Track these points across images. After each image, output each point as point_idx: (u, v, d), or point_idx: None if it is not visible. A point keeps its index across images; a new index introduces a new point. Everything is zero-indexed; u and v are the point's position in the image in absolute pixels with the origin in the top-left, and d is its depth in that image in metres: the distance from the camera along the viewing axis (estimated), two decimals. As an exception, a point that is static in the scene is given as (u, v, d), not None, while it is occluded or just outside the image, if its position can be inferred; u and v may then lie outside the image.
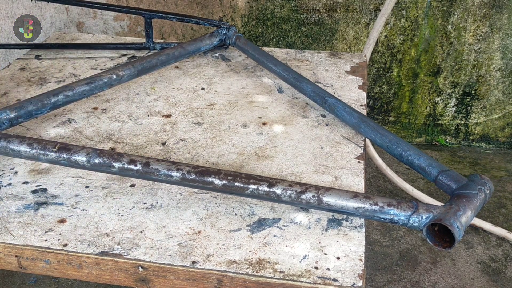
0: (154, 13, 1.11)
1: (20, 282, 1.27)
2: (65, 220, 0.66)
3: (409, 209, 0.62)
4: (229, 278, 0.58)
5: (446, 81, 1.74)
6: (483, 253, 1.37)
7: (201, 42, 1.07)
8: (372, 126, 0.80)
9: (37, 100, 0.83)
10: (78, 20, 1.77)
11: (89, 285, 1.27)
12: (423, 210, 0.62)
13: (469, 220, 0.62)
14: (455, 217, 0.60)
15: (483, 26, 1.63)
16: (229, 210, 0.67)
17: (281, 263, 0.59)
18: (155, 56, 0.98)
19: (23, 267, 0.63)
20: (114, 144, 0.81)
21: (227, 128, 0.85)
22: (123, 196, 0.70)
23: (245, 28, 1.74)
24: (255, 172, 0.74)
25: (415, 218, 0.62)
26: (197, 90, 0.97)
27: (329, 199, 0.63)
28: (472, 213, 0.62)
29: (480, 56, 1.68)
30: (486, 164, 1.71)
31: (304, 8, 1.67)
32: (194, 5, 1.72)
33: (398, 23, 1.67)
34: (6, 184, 0.72)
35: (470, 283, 1.28)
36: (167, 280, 0.60)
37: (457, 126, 1.81)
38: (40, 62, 1.08)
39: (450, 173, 0.70)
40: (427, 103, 1.79)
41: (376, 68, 1.75)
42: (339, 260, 0.59)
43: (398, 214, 0.62)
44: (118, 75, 0.91)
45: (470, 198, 0.64)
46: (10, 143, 0.68)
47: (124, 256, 0.60)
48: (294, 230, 0.64)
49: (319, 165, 0.76)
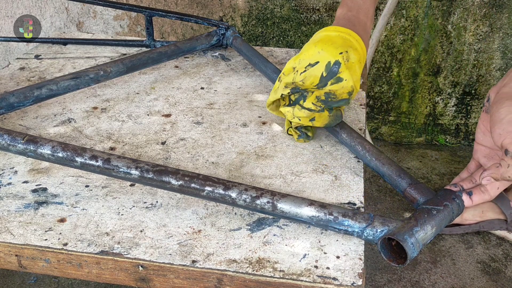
0: (154, 11, 1.11)
1: (20, 282, 1.27)
2: (65, 219, 0.66)
3: (364, 221, 0.60)
4: (229, 277, 0.58)
5: (446, 80, 1.74)
6: (483, 253, 1.37)
7: (196, 42, 1.07)
8: (349, 132, 0.78)
9: (19, 92, 0.83)
10: (78, 19, 1.77)
11: (89, 284, 1.27)
12: (378, 223, 0.60)
13: (428, 237, 0.59)
14: (410, 233, 0.57)
15: (483, 25, 1.63)
16: (229, 209, 0.67)
17: (281, 262, 0.59)
18: (146, 54, 0.98)
19: (23, 266, 0.63)
20: (114, 143, 0.81)
21: (227, 128, 0.85)
22: (123, 195, 0.70)
23: (245, 27, 1.74)
24: (254, 171, 0.74)
25: (369, 231, 0.60)
26: (197, 89, 0.97)
27: (283, 205, 0.62)
28: (434, 229, 0.60)
29: (480, 55, 1.68)
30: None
31: (304, 8, 1.67)
32: (194, 5, 1.72)
33: (398, 22, 1.67)
34: (6, 183, 0.72)
35: (470, 283, 1.28)
36: (167, 279, 0.60)
37: (457, 125, 1.81)
38: (39, 61, 1.08)
39: (418, 186, 0.67)
40: (427, 102, 1.79)
41: (376, 67, 1.75)
42: (339, 259, 0.59)
43: (352, 226, 0.60)
44: (105, 71, 0.91)
45: (432, 213, 0.61)
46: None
47: (124, 255, 0.60)
48: (294, 229, 0.64)
49: (318, 164, 0.76)
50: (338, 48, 0.73)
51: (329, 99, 0.74)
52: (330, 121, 0.77)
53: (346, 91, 0.74)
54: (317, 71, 0.72)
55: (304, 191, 0.70)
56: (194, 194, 0.65)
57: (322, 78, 0.72)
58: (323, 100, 0.75)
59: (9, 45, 1.84)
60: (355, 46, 0.75)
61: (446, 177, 1.67)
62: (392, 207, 1.54)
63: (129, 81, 1.00)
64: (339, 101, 0.75)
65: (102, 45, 1.15)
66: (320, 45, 0.74)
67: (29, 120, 0.87)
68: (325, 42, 0.74)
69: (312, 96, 0.75)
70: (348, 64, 0.73)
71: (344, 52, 0.73)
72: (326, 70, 0.72)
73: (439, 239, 1.41)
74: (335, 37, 0.75)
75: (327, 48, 0.73)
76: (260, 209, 0.63)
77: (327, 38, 0.75)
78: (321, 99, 0.75)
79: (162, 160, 0.77)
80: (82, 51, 1.13)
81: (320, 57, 0.73)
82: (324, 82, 0.73)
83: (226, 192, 0.63)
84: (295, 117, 0.77)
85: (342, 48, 0.73)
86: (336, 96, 0.74)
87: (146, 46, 1.13)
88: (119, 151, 0.79)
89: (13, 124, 0.86)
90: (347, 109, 0.90)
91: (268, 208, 0.62)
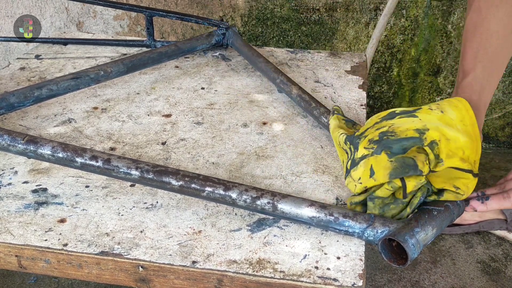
0: (155, 11, 1.11)
1: (20, 282, 1.27)
2: (65, 219, 0.66)
3: (365, 222, 0.60)
4: (229, 278, 0.58)
5: (446, 80, 1.74)
6: (483, 253, 1.37)
7: (196, 42, 1.07)
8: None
9: (20, 92, 0.83)
10: (78, 19, 1.77)
11: (89, 284, 1.27)
12: (379, 224, 0.60)
13: (428, 238, 0.59)
14: (411, 234, 0.57)
15: (483, 25, 1.63)
16: (229, 209, 0.67)
17: (281, 263, 0.59)
18: (147, 54, 0.98)
19: (23, 266, 0.63)
20: (114, 143, 0.81)
21: (227, 128, 0.85)
22: (123, 195, 0.70)
23: (245, 27, 1.74)
24: (255, 171, 0.74)
25: (370, 232, 0.59)
26: (197, 89, 0.97)
27: (284, 206, 0.62)
28: (434, 230, 0.59)
29: (480, 55, 1.68)
30: (486, 163, 1.71)
31: (304, 8, 1.67)
32: (194, 5, 1.72)
33: (398, 22, 1.67)
34: (6, 183, 0.72)
35: (470, 283, 1.28)
36: (167, 280, 0.60)
37: (457, 125, 1.81)
38: (40, 61, 1.08)
39: None
40: (427, 102, 1.79)
41: (376, 67, 1.75)
42: (339, 260, 0.59)
43: (353, 226, 0.60)
44: (105, 71, 0.91)
45: (433, 214, 0.61)
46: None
47: (124, 256, 0.60)
48: (294, 229, 0.64)
49: (319, 164, 0.76)
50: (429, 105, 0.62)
51: (386, 137, 0.60)
52: (395, 168, 0.58)
53: (413, 127, 0.59)
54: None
55: (304, 192, 0.70)
56: (194, 194, 0.65)
57: (389, 114, 0.62)
58: (376, 141, 0.60)
59: (9, 45, 1.84)
60: (456, 104, 0.63)
61: (446, 177, 1.66)
62: (392, 207, 1.54)
63: (130, 81, 1.00)
64: (400, 139, 0.59)
65: (102, 45, 1.15)
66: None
67: (29, 120, 0.87)
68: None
69: (365, 141, 0.62)
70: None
71: (435, 104, 0.63)
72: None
73: (439, 239, 1.41)
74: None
75: (414, 108, 0.63)
76: (260, 210, 0.63)
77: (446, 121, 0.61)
78: (374, 140, 0.61)
79: (162, 160, 0.77)
80: (82, 51, 1.13)
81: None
82: (389, 117, 0.61)
83: (227, 192, 0.63)
84: (354, 181, 0.62)
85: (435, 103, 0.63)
86: (396, 133, 0.59)
87: (147, 46, 1.13)
88: (119, 152, 0.79)
89: (13, 124, 0.85)
90: (347, 109, 0.90)
91: (268, 209, 0.62)
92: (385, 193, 0.59)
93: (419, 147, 0.58)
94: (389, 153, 0.58)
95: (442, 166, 0.58)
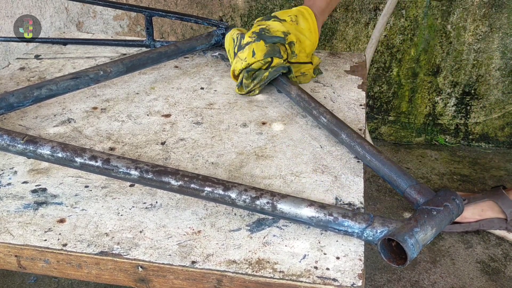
0: (154, 11, 1.11)
1: (20, 282, 1.27)
2: (64, 220, 0.66)
3: (364, 221, 0.60)
4: (228, 278, 0.58)
5: (446, 80, 1.74)
6: (482, 253, 1.37)
7: (196, 42, 1.07)
8: (349, 133, 0.78)
9: (19, 92, 0.83)
10: (77, 19, 1.77)
11: (89, 284, 1.27)
12: (378, 224, 0.60)
13: (428, 237, 0.59)
14: (411, 234, 0.57)
15: (483, 25, 1.63)
16: (228, 209, 0.67)
17: (280, 263, 0.59)
18: (146, 54, 0.98)
19: (23, 266, 0.63)
20: (114, 143, 0.81)
21: (227, 128, 0.85)
22: (122, 195, 0.70)
23: (245, 27, 1.74)
24: (254, 171, 0.74)
25: (369, 232, 0.59)
26: (197, 89, 0.97)
27: (283, 206, 0.62)
28: (434, 230, 0.59)
29: (479, 55, 1.68)
30: (486, 163, 1.71)
31: (303, 8, 1.67)
32: (194, 5, 1.72)
33: (398, 22, 1.67)
34: (5, 183, 0.72)
35: (469, 283, 1.28)
36: (167, 280, 0.60)
37: (456, 125, 1.81)
38: (39, 61, 1.08)
39: (418, 187, 0.67)
40: (426, 102, 1.79)
41: (376, 67, 1.75)
42: (338, 260, 0.59)
43: (352, 226, 0.60)
44: (105, 71, 0.91)
45: (432, 214, 0.61)
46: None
47: (124, 256, 0.60)
48: (293, 230, 0.64)
49: (318, 164, 0.76)
50: (288, 12, 0.94)
51: (263, 32, 0.91)
52: (268, 51, 0.89)
53: (281, 30, 0.91)
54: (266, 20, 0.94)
55: (303, 192, 0.70)
56: (193, 194, 0.65)
57: (265, 17, 0.94)
58: (257, 33, 0.91)
59: (9, 45, 1.84)
60: (306, 16, 0.95)
61: (446, 177, 1.67)
62: (392, 207, 1.55)
63: (129, 81, 1.00)
64: (273, 36, 0.91)
65: (102, 45, 1.15)
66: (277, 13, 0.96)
67: (28, 120, 0.87)
68: (283, 12, 0.96)
69: (249, 32, 0.93)
70: (295, 20, 0.94)
71: (293, 15, 0.94)
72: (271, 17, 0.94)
73: (439, 239, 1.42)
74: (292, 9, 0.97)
75: (280, 14, 0.95)
76: (259, 210, 0.63)
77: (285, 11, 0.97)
78: (256, 32, 0.91)
79: (161, 160, 0.77)
80: (82, 51, 1.13)
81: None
82: (266, 19, 0.93)
83: (226, 192, 0.63)
84: (241, 59, 0.91)
85: (292, 13, 0.95)
86: (270, 31, 0.91)
87: (146, 46, 1.13)
88: (119, 152, 0.79)
89: (12, 124, 0.85)
90: (347, 109, 0.90)
91: (267, 209, 0.62)
92: (258, 66, 0.90)
93: (282, 43, 0.91)
94: (265, 41, 0.90)
95: (295, 58, 0.94)
